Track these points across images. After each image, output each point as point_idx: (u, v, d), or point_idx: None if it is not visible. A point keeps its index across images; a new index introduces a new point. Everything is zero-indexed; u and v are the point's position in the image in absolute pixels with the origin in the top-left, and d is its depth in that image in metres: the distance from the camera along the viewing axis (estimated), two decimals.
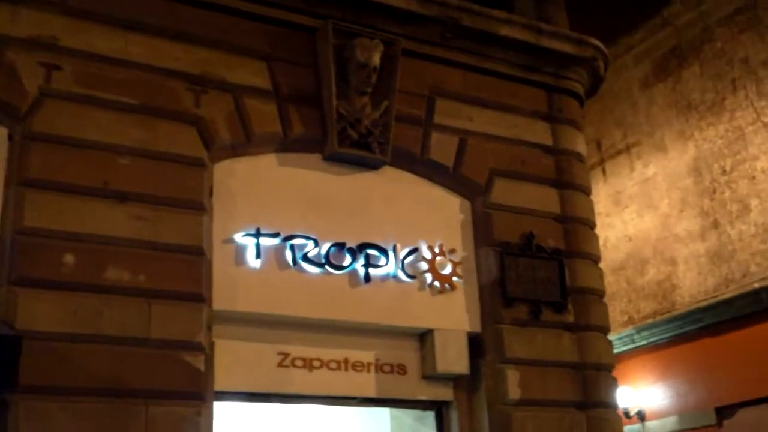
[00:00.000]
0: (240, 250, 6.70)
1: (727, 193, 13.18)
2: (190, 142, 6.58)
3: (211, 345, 6.36)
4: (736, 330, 12.68)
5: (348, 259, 7.06)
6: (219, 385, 6.39)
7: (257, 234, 6.72)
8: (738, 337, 12.65)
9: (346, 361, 7.03)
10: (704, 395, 13.10)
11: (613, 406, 7.95)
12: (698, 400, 13.19)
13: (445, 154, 7.78)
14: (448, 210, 7.79)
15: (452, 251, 7.57)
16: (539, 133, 8.38)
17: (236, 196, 6.80)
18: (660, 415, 13.73)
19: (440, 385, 7.38)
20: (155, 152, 6.42)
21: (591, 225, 8.42)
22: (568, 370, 7.70)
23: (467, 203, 7.89)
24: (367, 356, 7.13)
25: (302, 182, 7.14)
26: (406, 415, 7.69)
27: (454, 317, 7.44)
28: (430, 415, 7.49)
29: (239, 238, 6.70)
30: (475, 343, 7.47)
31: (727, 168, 13.23)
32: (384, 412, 8.01)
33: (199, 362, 6.12)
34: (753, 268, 12.65)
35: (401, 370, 7.26)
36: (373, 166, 7.44)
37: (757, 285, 12.40)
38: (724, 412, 12.83)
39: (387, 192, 7.49)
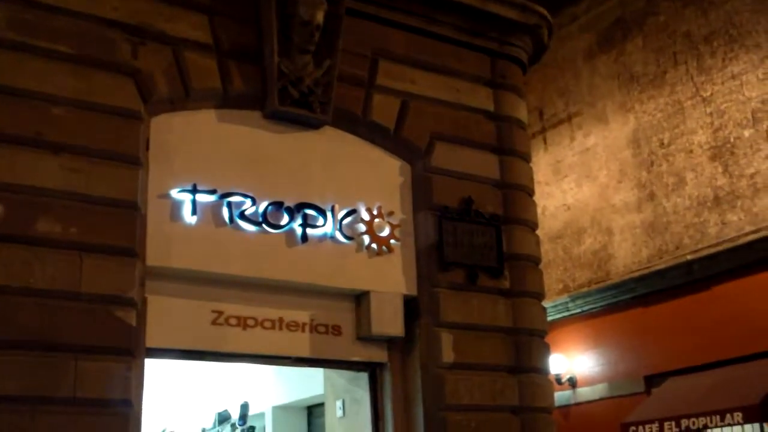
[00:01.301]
0: (176, 206, 6.61)
1: (664, 166, 13.36)
2: (127, 95, 6.45)
3: (144, 301, 6.29)
4: (667, 301, 12.92)
5: (285, 219, 7.01)
6: (151, 342, 6.33)
7: (194, 190, 6.64)
8: (669, 308, 12.89)
9: (280, 320, 7.01)
10: (634, 363, 13.36)
11: (544, 372, 8.05)
12: (628, 368, 13.44)
13: (387, 116, 7.75)
14: (387, 172, 7.77)
15: (391, 214, 7.57)
16: (481, 98, 8.39)
17: (173, 151, 6.69)
18: (591, 382, 13.97)
19: (375, 347, 7.40)
20: (91, 103, 6.28)
21: (529, 192, 8.47)
22: (502, 335, 7.77)
23: (407, 166, 7.88)
24: (302, 316, 7.12)
25: (241, 139, 7.05)
26: (340, 375, 7.71)
27: (391, 280, 7.45)
28: (363, 377, 7.51)
29: (175, 193, 6.61)
30: (410, 306, 7.50)
31: (666, 141, 13.40)
32: (318, 373, 8.03)
33: (131, 318, 6.04)
34: (686, 241, 12.88)
35: (336, 330, 7.26)
36: (314, 125, 7.38)
37: (689, 257, 12.63)
38: (652, 380, 13.10)
39: (327, 152, 7.44)
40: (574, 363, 14.17)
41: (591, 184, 14.55)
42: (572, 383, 14.14)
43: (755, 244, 11.87)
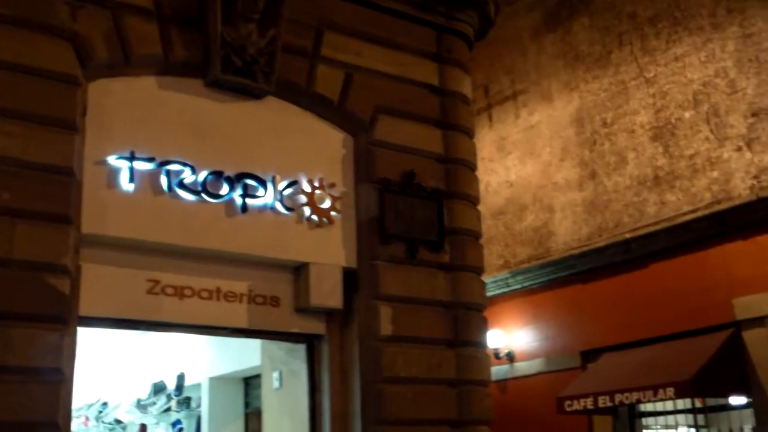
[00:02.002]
0: (113, 173, 6.51)
1: (607, 145, 13.50)
2: (65, 58, 6.32)
3: (78, 268, 6.21)
4: (605, 278, 13.09)
5: (225, 188, 6.95)
6: (84, 310, 6.25)
7: (131, 157, 6.54)
8: (607, 285, 13.07)
9: (218, 290, 6.96)
10: (571, 339, 13.54)
11: (482, 346, 8.11)
12: (566, 343, 13.63)
13: (331, 88, 7.70)
14: (330, 144, 7.73)
15: (332, 186, 7.54)
16: (426, 72, 8.38)
17: (111, 117, 6.58)
18: (528, 356, 14.14)
19: (313, 319, 7.40)
20: (27, 67, 6.14)
21: (472, 167, 8.50)
22: (441, 308, 7.81)
23: (350, 138, 7.85)
24: (240, 287, 7.08)
25: (182, 107, 6.96)
26: (278, 347, 7.69)
27: (331, 252, 7.44)
28: (301, 348, 7.51)
29: (112, 160, 6.51)
30: (349, 279, 7.50)
31: (608, 120, 13.53)
32: (255, 344, 8.00)
33: (64, 285, 5.96)
34: (626, 219, 13.04)
35: (274, 302, 7.23)
36: (256, 95, 7.31)
37: (628, 235, 12.80)
38: (589, 356, 13.30)
39: (269, 122, 7.38)
40: (513, 338, 14.33)
41: (534, 162, 14.66)
42: (510, 358, 14.30)
43: (692, 223, 12.07)
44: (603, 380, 12.17)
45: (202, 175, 6.85)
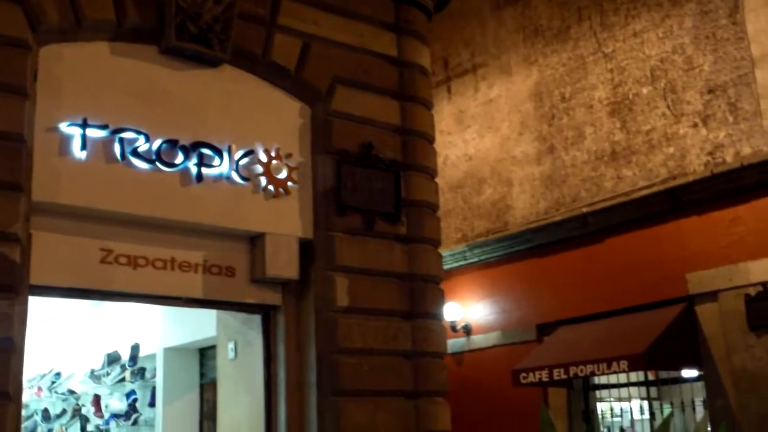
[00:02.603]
0: (65, 141, 6.40)
1: (565, 120, 13.55)
2: (15, 22, 6.18)
3: (29, 237, 6.11)
4: (562, 252, 13.18)
5: (180, 157, 6.87)
6: (35, 279, 6.16)
7: (84, 124, 6.43)
8: (563, 259, 13.16)
9: (172, 260, 6.90)
10: (528, 312, 13.63)
11: (438, 318, 8.14)
12: (522, 316, 13.72)
13: (288, 57, 7.63)
14: (287, 114, 7.67)
15: (289, 156, 7.49)
16: (385, 43, 8.33)
17: (63, 83, 6.46)
18: (485, 329, 14.21)
19: (268, 289, 7.36)
20: None
21: (430, 139, 8.48)
22: (397, 280, 7.82)
23: (307, 109, 7.79)
24: (195, 257, 7.02)
25: (136, 74, 6.85)
26: (233, 317, 7.65)
27: (287, 222, 7.40)
28: (257, 319, 7.47)
29: (64, 127, 6.39)
30: (306, 249, 7.46)
31: (567, 95, 13.57)
32: (210, 314, 7.95)
33: (15, 254, 5.86)
34: (583, 194, 13.12)
35: (230, 272, 7.18)
36: (212, 63, 7.22)
37: (585, 210, 12.88)
38: (544, 329, 13.41)
39: (225, 91, 7.30)
40: (470, 311, 14.39)
41: (493, 135, 14.67)
42: (467, 331, 14.37)
43: (648, 198, 12.17)
44: (558, 353, 12.28)
45: (157, 143, 6.76)
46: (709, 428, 11.38)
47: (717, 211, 11.56)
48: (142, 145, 6.67)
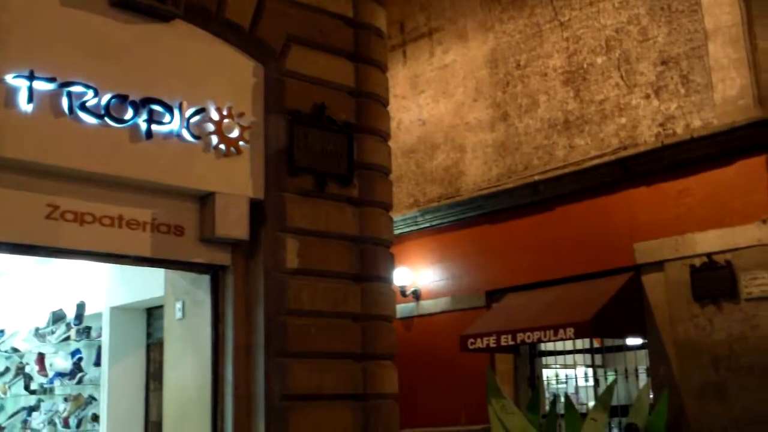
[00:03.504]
0: (10, 93, 6.21)
1: (519, 87, 13.57)
2: None
3: None
4: (513, 219, 13.27)
5: (130, 113, 6.73)
6: None
7: (30, 77, 6.25)
8: (514, 226, 13.25)
9: (120, 218, 6.77)
10: (477, 279, 13.72)
11: (388, 281, 8.14)
12: (471, 282, 13.80)
13: (242, 14, 7.49)
14: (240, 72, 7.55)
15: (241, 115, 7.38)
16: (341, 3, 8.23)
17: (8, 33, 6.26)
18: (435, 295, 14.28)
19: (218, 249, 7.28)
20: None
21: (384, 102, 8.43)
22: (348, 243, 7.80)
23: (261, 68, 7.68)
24: (144, 215, 6.90)
25: (85, 26, 6.67)
26: (182, 277, 7.57)
27: (238, 182, 7.31)
28: (205, 279, 7.40)
29: (10, 79, 6.20)
30: (256, 210, 7.39)
31: (522, 63, 13.58)
32: (158, 274, 7.87)
33: None
34: (535, 162, 13.19)
35: (178, 231, 7.09)
36: (164, 17, 7.07)
37: (537, 178, 12.95)
38: (493, 296, 13.52)
39: (177, 47, 7.15)
40: (420, 276, 14.44)
41: (447, 101, 14.65)
42: (416, 296, 14.44)
43: (599, 168, 12.27)
44: (506, 320, 12.39)
45: (106, 98, 6.61)
46: (651, 395, 11.60)
47: (666, 182, 11.70)
48: (90, 100, 6.52)
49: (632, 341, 12.54)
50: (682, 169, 11.53)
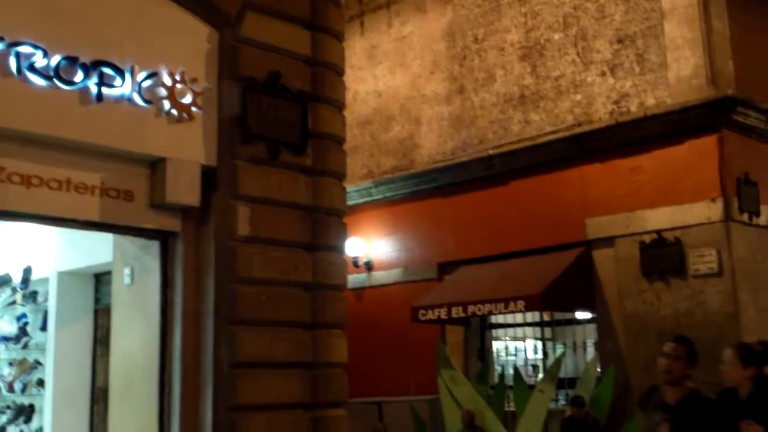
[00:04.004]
0: None
1: (476, 61, 13.57)
2: None
3: None
4: (466, 193, 13.32)
5: (80, 75, 6.60)
6: None
7: None
8: (468, 200, 13.30)
9: (68, 181, 6.67)
10: (430, 251, 13.78)
11: (339, 251, 8.13)
12: (424, 255, 13.86)
13: None
14: (194, 38, 7.44)
15: (194, 81, 7.29)
16: None
17: None
18: (387, 266, 14.32)
19: (168, 216, 7.21)
20: None
21: (339, 71, 8.39)
22: (300, 212, 7.77)
23: (215, 33, 7.57)
24: (93, 179, 6.80)
25: None
26: (131, 242, 7.49)
27: (189, 148, 7.23)
28: (155, 245, 7.33)
29: None
30: (208, 177, 7.32)
31: (480, 36, 13.58)
32: (107, 239, 7.78)
33: None
34: (490, 135, 13.23)
35: (128, 196, 7.00)
36: None
37: (491, 152, 13.01)
38: (445, 268, 13.59)
39: (130, 10, 7.02)
40: (373, 247, 14.46)
41: (404, 73, 14.62)
42: (369, 267, 14.46)
43: (553, 144, 12.36)
44: (457, 292, 12.47)
45: (55, 59, 6.48)
46: (598, 369, 11.77)
47: (619, 160, 11.82)
48: (39, 61, 6.39)
49: (582, 315, 12.71)
50: (635, 146, 11.65)
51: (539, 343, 13.72)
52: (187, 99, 7.22)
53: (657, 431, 6.07)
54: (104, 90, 6.72)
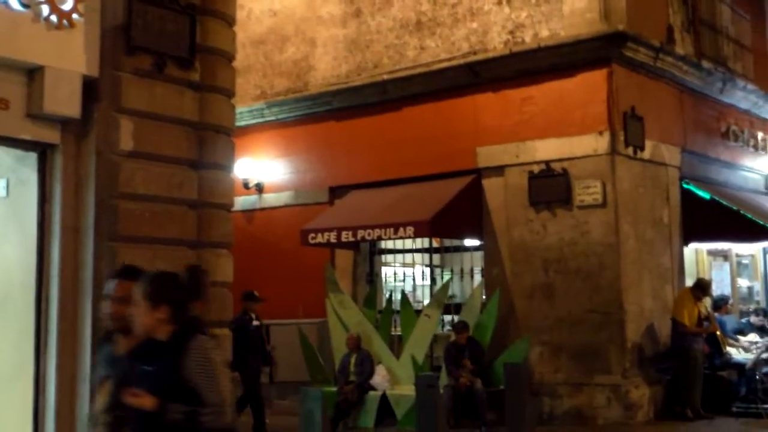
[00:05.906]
0: None
1: None
2: None
3: None
4: (360, 117, 13.24)
5: None
6: None
7: None
8: (361, 124, 13.24)
9: None
10: (321, 174, 13.71)
11: (227, 170, 7.96)
12: (315, 178, 13.78)
13: None
14: None
15: None
16: None
17: None
18: (278, 189, 14.19)
19: (46, 127, 6.91)
20: None
21: None
22: (186, 128, 7.55)
23: None
24: None
25: None
26: (6, 154, 7.17)
27: (70, 57, 6.90)
28: (32, 157, 7.04)
29: None
30: (89, 88, 7.02)
31: None
32: None
33: None
34: (385, 61, 13.13)
35: (3, 105, 6.65)
36: None
37: (386, 77, 12.93)
38: (336, 192, 13.56)
39: None
40: (263, 169, 14.29)
41: None
42: (259, 188, 14.30)
43: (447, 71, 12.35)
44: (348, 216, 12.47)
45: None
46: (484, 295, 11.99)
47: (511, 90, 11.91)
48: None
49: (470, 243, 12.88)
50: (528, 77, 11.74)
51: (428, 270, 13.88)
52: (68, 5, 6.87)
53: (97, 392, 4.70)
54: None
